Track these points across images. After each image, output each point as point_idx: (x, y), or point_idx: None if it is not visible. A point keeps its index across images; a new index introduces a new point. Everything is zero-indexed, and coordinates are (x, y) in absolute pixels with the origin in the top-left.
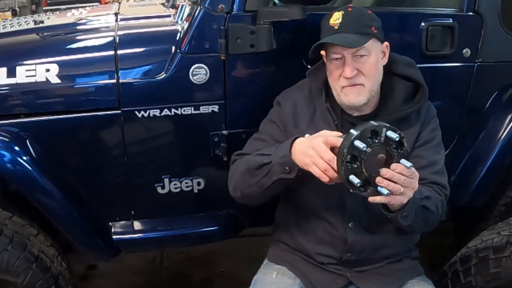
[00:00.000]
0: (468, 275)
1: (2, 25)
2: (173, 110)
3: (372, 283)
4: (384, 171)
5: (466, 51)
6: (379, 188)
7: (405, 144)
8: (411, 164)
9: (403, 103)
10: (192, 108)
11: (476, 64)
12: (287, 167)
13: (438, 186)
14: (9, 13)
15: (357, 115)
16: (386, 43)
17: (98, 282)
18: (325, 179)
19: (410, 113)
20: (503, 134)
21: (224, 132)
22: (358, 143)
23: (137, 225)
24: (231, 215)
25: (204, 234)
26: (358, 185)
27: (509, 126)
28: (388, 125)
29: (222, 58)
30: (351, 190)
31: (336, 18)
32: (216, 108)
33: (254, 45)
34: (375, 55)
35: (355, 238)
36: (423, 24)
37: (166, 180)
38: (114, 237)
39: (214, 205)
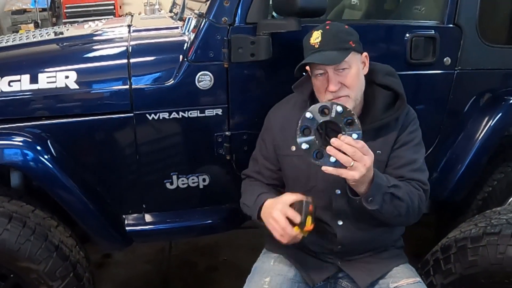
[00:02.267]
0: (448, 262)
1: (26, 36)
2: (180, 113)
3: (360, 271)
4: (333, 140)
5: (447, 60)
6: (330, 158)
7: (356, 121)
8: (358, 136)
9: (384, 111)
10: (198, 111)
11: (455, 72)
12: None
13: (417, 182)
14: (31, 25)
15: None
16: (365, 53)
17: (113, 270)
18: (284, 241)
19: (390, 121)
20: (480, 135)
21: (227, 133)
22: (308, 114)
23: (148, 217)
24: (233, 209)
25: (208, 226)
26: (310, 152)
27: (486, 128)
28: (338, 102)
29: (225, 66)
30: (311, 160)
31: (316, 37)
32: (219, 111)
33: (254, 54)
34: (355, 66)
35: (344, 234)
36: (407, 35)
37: (174, 177)
38: (127, 228)
39: (218, 199)
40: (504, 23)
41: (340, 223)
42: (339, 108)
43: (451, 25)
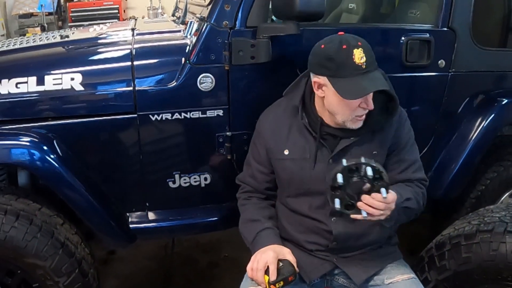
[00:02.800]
0: (443, 259)
1: (32, 39)
2: (183, 114)
3: (356, 267)
4: (365, 198)
5: (441, 62)
6: (362, 211)
7: (384, 177)
8: (385, 190)
9: (379, 114)
10: (200, 112)
11: (450, 74)
12: None
13: (420, 181)
14: (38, 29)
15: (336, 126)
16: None
17: (117, 266)
18: (249, 275)
19: (385, 124)
20: (474, 135)
21: (228, 133)
22: (339, 178)
23: (151, 215)
24: (234, 207)
25: (210, 224)
26: (340, 208)
27: (479, 129)
28: (368, 163)
29: (226, 68)
30: (343, 212)
31: (360, 57)
32: (221, 112)
33: (254, 57)
34: None
35: (339, 230)
36: (403, 38)
37: (177, 176)
38: (130, 226)
39: (219, 198)
40: (497, 26)
41: (334, 220)
42: (369, 171)
43: (445, 29)
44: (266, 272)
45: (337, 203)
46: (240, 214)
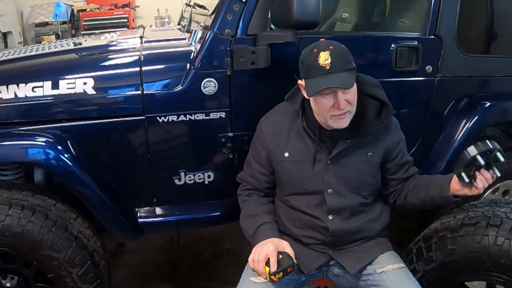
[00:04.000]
0: (430, 251)
1: (48, 46)
2: (188, 116)
3: (350, 258)
4: (486, 175)
5: (428, 68)
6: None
7: (501, 160)
8: (498, 170)
9: (374, 119)
10: (204, 114)
11: (436, 79)
12: None
13: (417, 172)
14: (53, 36)
15: (333, 129)
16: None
17: (126, 257)
18: (251, 265)
19: (381, 128)
20: (459, 136)
21: (230, 134)
22: (479, 157)
23: (158, 210)
24: (236, 202)
25: (213, 218)
26: (467, 180)
27: (464, 130)
28: (499, 147)
29: (228, 73)
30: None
31: (325, 59)
32: (223, 114)
33: (254, 63)
34: (355, 84)
35: (335, 227)
36: (393, 45)
37: (182, 174)
38: (139, 220)
39: (221, 194)
40: (480, 34)
41: (331, 217)
42: (500, 156)
43: (432, 37)
44: (267, 263)
45: (466, 178)
46: (241, 209)
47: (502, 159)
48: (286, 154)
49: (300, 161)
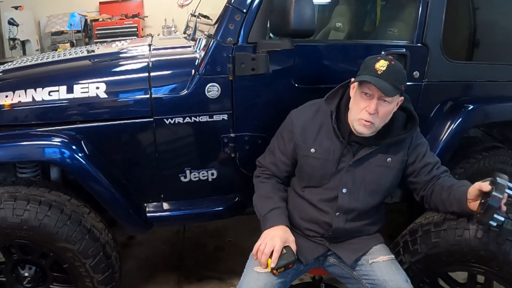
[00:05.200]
0: (415, 244)
1: (63, 54)
2: (193, 118)
3: (346, 250)
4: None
5: (416, 73)
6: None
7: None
8: None
9: (400, 129)
10: (207, 116)
11: (423, 83)
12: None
13: (444, 172)
14: (68, 44)
15: (361, 135)
16: (402, 97)
17: (136, 249)
18: (255, 255)
19: (405, 138)
20: (444, 136)
21: (231, 134)
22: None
23: (165, 205)
24: (237, 198)
25: (216, 213)
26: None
27: (449, 131)
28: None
29: (230, 78)
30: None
31: (381, 65)
32: (225, 116)
33: (254, 69)
34: (394, 105)
35: (338, 225)
36: (383, 52)
37: (188, 171)
38: (147, 214)
39: (224, 190)
40: (464, 42)
41: (338, 215)
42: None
43: (419, 44)
44: (270, 256)
45: (501, 217)
46: (256, 189)
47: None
48: (312, 150)
49: (325, 159)
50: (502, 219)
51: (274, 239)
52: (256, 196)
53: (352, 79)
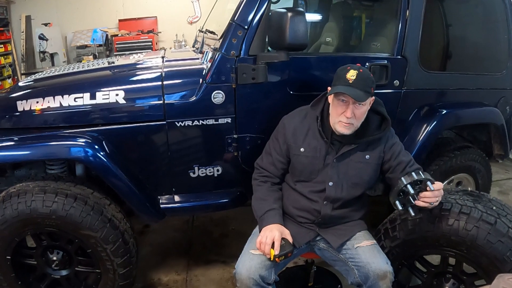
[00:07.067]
0: (394, 231)
1: (87, 65)
2: (200, 121)
3: (333, 235)
4: (426, 194)
5: (396, 82)
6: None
7: (426, 176)
8: (432, 184)
9: (375, 129)
10: (213, 120)
11: (402, 91)
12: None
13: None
14: (91, 57)
15: (341, 134)
16: (373, 97)
17: (151, 236)
18: (257, 247)
19: (378, 138)
20: (421, 137)
21: (234, 136)
22: (409, 188)
23: (176, 198)
24: (240, 191)
25: (221, 204)
26: (400, 207)
27: (425, 132)
28: (429, 178)
29: (233, 86)
30: (398, 207)
31: (352, 75)
32: (229, 120)
33: (254, 78)
34: (367, 105)
35: (325, 212)
36: (367, 64)
37: (196, 168)
38: (161, 206)
39: (228, 184)
40: (438, 55)
41: (325, 203)
42: (429, 183)
43: (399, 56)
44: (272, 246)
45: (400, 205)
46: (254, 192)
47: (431, 186)
48: (302, 149)
49: (313, 157)
50: (400, 207)
51: (273, 231)
52: (254, 199)
53: (329, 89)
